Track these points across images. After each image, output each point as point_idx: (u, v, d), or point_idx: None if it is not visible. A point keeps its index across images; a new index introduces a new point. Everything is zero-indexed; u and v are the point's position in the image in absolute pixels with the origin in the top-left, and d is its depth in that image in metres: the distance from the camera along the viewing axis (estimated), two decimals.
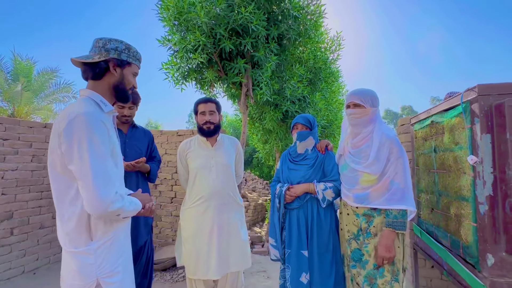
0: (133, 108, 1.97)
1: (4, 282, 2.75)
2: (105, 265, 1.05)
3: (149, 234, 2.00)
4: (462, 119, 1.50)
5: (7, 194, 2.82)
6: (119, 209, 1.01)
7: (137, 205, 1.15)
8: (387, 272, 1.44)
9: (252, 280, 3.14)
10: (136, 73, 1.22)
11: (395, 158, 1.51)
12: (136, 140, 2.01)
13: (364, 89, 1.65)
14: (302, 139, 1.82)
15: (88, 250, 1.03)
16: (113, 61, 1.11)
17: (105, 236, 1.06)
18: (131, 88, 1.22)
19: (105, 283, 1.04)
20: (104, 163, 1.01)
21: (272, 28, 2.98)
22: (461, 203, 1.53)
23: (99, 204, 0.97)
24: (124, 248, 1.15)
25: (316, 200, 1.73)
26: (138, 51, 1.22)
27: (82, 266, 1.02)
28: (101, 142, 1.01)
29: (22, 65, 10.42)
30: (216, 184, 1.89)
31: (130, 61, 1.16)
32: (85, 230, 1.03)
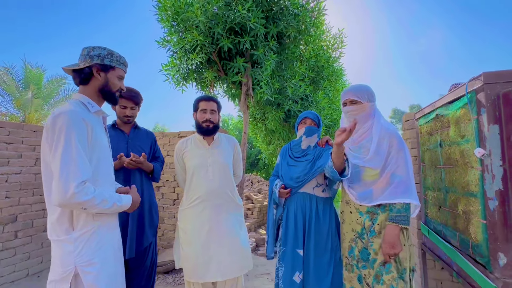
0: (134, 108, 1.96)
1: (8, 285, 2.77)
2: (84, 254, 1.10)
3: (155, 236, 1.98)
4: (467, 110, 1.42)
5: (11, 198, 2.86)
6: (84, 202, 1.04)
7: (121, 203, 1.19)
8: (393, 268, 1.37)
9: (256, 283, 3.08)
10: (121, 76, 1.32)
11: (396, 151, 1.45)
12: (138, 140, 2.00)
13: (359, 85, 1.61)
14: (309, 135, 1.77)
15: (69, 239, 1.10)
16: (96, 67, 1.23)
17: (85, 227, 1.12)
18: (118, 90, 1.32)
19: (83, 271, 1.09)
20: (74, 156, 1.05)
21: (271, 26, 2.94)
22: (469, 200, 1.44)
23: (61, 194, 1.02)
24: (105, 241, 1.18)
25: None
26: (121, 56, 1.32)
27: (63, 254, 1.10)
28: (77, 137, 1.07)
29: (32, 73, 10.72)
30: (213, 184, 1.84)
31: (113, 65, 1.26)
32: (67, 220, 1.11)
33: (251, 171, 13.73)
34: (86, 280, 1.09)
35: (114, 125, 1.97)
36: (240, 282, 1.93)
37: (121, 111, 1.91)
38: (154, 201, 2.05)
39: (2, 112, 10.34)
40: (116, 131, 1.95)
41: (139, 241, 1.85)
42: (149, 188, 1.99)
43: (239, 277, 1.91)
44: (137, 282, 1.86)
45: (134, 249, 1.80)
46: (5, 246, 2.78)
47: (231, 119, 16.12)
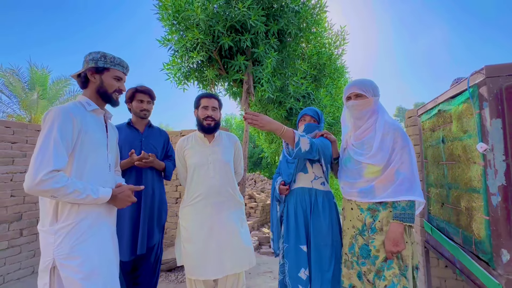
0: (150, 103, 2.04)
1: (14, 282, 2.81)
2: (63, 246, 1.12)
3: (161, 233, 2.03)
4: (470, 104, 1.40)
5: (16, 196, 2.90)
6: (51, 189, 1.07)
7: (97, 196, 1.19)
8: (395, 265, 1.35)
9: (258, 281, 3.08)
10: (117, 76, 1.37)
11: (400, 147, 1.42)
12: (152, 139, 2.05)
13: (364, 79, 1.58)
14: (309, 131, 1.74)
15: (50, 230, 1.13)
16: (90, 70, 1.31)
17: (68, 219, 1.15)
18: (116, 90, 1.36)
19: (60, 264, 1.11)
20: (51, 146, 1.09)
21: (271, 24, 2.93)
22: (472, 196, 1.41)
23: (29, 180, 1.06)
24: (89, 236, 1.19)
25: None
26: (116, 57, 1.37)
27: (44, 244, 1.14)
28: (59, 130, 1.12)
29: (38, 75, 10.87)
30: (214, 181, 1.84)
31: (107, 66, 1.32)
32: (52, 211, 1.15)
33: (254, 170, 13.73)
34: (64, 273, 1.11)
35: (129, 123, 2.03)
36: (242, 279, 1.93)
37: (138, 106, 1.98)
38: (165, 200, 2.10)
39: (9, 113, 10.52)
40: (130, 129, 2.02)
41: (148, 238, 1.89)
42: (160, 187, 2.04)
43: (240, 274, 1.91)
44: (142, 277, 1.91)
45: (145, 246, 1.85)
46: (10, 244, 2.82)
47: (234, 119, 16.13)
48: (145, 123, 2.06)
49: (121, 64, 1.37)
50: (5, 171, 2.81)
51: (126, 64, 1.42)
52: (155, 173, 2.00)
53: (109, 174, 1.38)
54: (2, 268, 2.74)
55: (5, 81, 10.13)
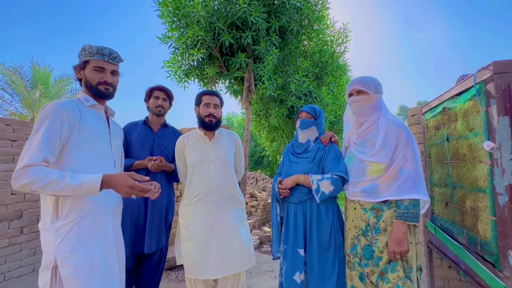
0: (166, 100, 2.06)
1: (14, 280, 2.81)
2: (63, 245, 1.10)
3: (167, 233, 2.04)
4: (476, 102, 1.36)
5: (16, 194, 2.89)
6: (22, 185, 1.03)
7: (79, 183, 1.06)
8: (399, 267, 1.32)
9: (258, 280, 3.06)
10: (98, 66, 1.29)
11: (403, 145, 1.38)
12: (165, 140, 2.05)
13: (366, 76, 1.55)
14: (304, 127, 1.72)
15: (51, 228, 1.11)
16: (76, 68, 1.31)
17: (69, 217, 1.12)
18: (100, 82, 1.29)
19: (62, 263, 1.09)
20: (33, 143, 1.08)
21: (273, 21, 2.89)
22: (478, 195, 1.38)
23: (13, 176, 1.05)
24: (90, 235, 1.16)
25: None
26: (94, 47, 1.29)
27: (45, 243, 1.12)
28: (47, 125, 1.10)
29: (40, 73, 10.89)
30: (214, 179, 1.82)
31: (86, 59, 1.28)
32: (52, 210, 1.13)
33: (256, 169, 13.72)
34: (63, 272, 1.09)
35: (145, 122, 2.05)
36: (242, 278, 1.90)
37: (154, 102, 2.02)
38: (173, 201, 2.11)
39: (11, 111, 10.57)
40: (145, 128, 2.03)
41: (158, 239, 1.92)
42: (169, 190, 2.06)
43: (240, 274, 1.89)
44: (145, 274, 1.94)
45: (154, 246, 1.88)
46: (11, 242, 2.82)
47: (236, 117, 16.11)
48: (160, 122, 2.08)
49: (99, 53, 1.27)
50: (5, 169, 2.81)
51: (107, 52, 1.29)
52: (164, 175, 2.00)
53: (114, 170, 1.33)
54: (3, 266, 2.74)
55: (8, 79, 10.16)
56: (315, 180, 1.55)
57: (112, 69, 1.32)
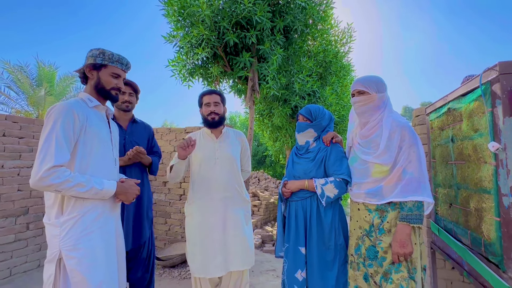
0: (133, 95, 1.97)
1: (20, 275, 2.86)
2: (68, 238, 1.14)
3: (151, 228, 2.00)
4: (481, 102, 1.35)
5: (22, 191, 2.94)
6: (53, 184, 1.09)
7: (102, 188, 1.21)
8: (403, 268, 1.32)
9: (261, 279, 3.07)
10: (115, 73, 1.35)
11: (407, 146, 1.38)
12: (135, 136, 1.99)
13: (368, 76, 1.55)
14: (299, 131, 1.74)
15: (56, 222, 1.16)
16: (88, 66, 1.32)
17: (73, 212, 1.17)
18: (113, 88, 1.35)
19: (66, 255, 1.14)
20: (52, 143, 1.12)
21: (277, 20, 2.90)
22: (482, 196, 1.38)
23: (32, 177, 1.10)
24: (94, 229, 1.21)
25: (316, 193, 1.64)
26: (114, 54, 1.35)
27: (50, 237, 1.18)
28: (61, 126, 1.14)
29: (45, 71, 11.00)
30: (220, 177, 1.83)
31: (104, 63, 1.32)
32: (58, 205, 1.18)
33: (258, 169, 13.72)
34: (68, 265, 1.14)
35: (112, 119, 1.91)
36: (245, 276, 1.92)
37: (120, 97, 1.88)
38: (151, 196, 2.07)
39: (17, 109, 10.69)
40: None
41: (137, 235, 1.86)
42: (146, 183, 2.00)
43: (244, 272, 1.91)
44: (133, 273, 1.87)
45: (130, 243, 1.81)
46: (17, 238, 2.86)
47: (239, 116, 16.12)
48: (128, 118, 1.99)
49: (119, 61, 1.36)
50: (12, 165, 2.85)
51: (126, 61, 1.40)
52: (139, 169, 1.94)
53: (115, 169, 1.40)
54: (9, 261, 2.78)
55: (14, 77, 10.28)
56: (319, 185, 1.57)
57: (124, 77, 1.42)
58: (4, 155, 2.78)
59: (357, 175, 1.54)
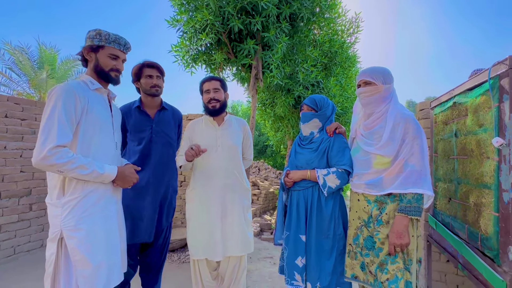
0: (160, 78, 1.84)
1: (24, 254, 2.93)
2: (69, 219, 1.16)
3: (172, 216, 2.00)
4: (488, 97, 1.33)
5: (25, 172, 2.97)
6: (57, 164, 1.10)
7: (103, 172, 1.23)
8: (399, 259, 1.34)
9: (258, 265, 3.14)
10: (113, 54, 1.33)
11: (411, 138, 1.37)
12: (163, 125, 1.87)
13: (375, 66, 1.52)
14: (304, 121, 1.73)
15: (58, 203, 1.18)
16: (86, 49, 1.31)
17: (74, 193, 1.18)
18: (112, 69, 1.33)
19: (67, 235, 1.16)
20: (55, 122, 1.12)
21: (284, 7, 2.82)
22: (482, 191, 1.38)
23: (36, 155, 1.10)
24: (96, 210, 1.23)
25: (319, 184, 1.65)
26: (111, 34, 1.32)
27: (51, 216, 1.19)
28: (63, 106, 1.14)
29: (47, 54, 10.87)
30: (221, 164, 1.84)
31: (101, 44, 1.29)
32: (59, 186, 1.19)
33: (259, 158, 13.77)
34: (69, 244, 1.16)
35: (139, 107, 1.83)
36: (243, 262, 1.96)
37: (147, 82, 1.78)
38: (176, 186, 2.01)
39: (18, 91, 10.65)
40: (141, 114, 1.82)
41: (159, 223, 1.86)
42: (173, 174, 1.95)
43: (242, 257, 1.94)
44: (149, 258, 1.91)
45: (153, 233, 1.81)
46: (20, 218, 2.92)
47: (241, 105, 16.03)
48: (157, 104, 1.87)
49: (116, 41, 1.32)
50: (14, 147, 2.87)
51: (123, 41, 1.36)
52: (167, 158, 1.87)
53: (115, 152, 1.40)
54: (13, 240, 2.85)
55: (15, 59, 10.18)
56: (321, 176, 1.57)
57: (123, 58, 1.38)
58: (6, 137, 2.80)
59: (359, 166, 1.54)
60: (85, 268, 1.16)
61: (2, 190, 2.77)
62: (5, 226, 2.78)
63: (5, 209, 2.78)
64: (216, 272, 1.98)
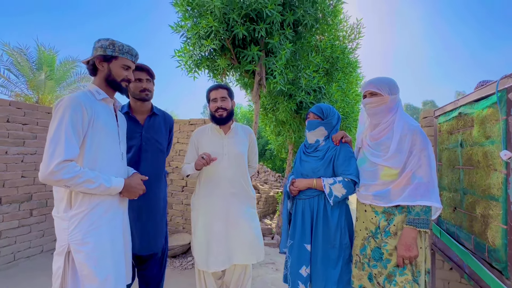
0: (150, 81, 1.73)
1: (24, 260, 2.89)
2: (76, 232, 1.15)
3: (166, 227, 1.90)
4: (496, 110, 1.35)
5: (26, 177, 2.94)
6: (64, 180, 1.09)
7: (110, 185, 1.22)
8: (408, 271, 1.34)
9: (260, 272, 3.13)
10: (126, 65, 1.34)
11: (418, 150, 1.38)
12: (154, 131, 1.77)
13: (381, 77, 1.53)
14: (310, 129, 1.73)
15: (65, 216, 1.17)
16: (98, 58, 1.29)
17: (81, 206, 1.18)
18: (124, 79, 1.34)
19: (74, 249, 1.15)
20: (62, 136, 1.11)
21: (287, 14, 2.84)
22: (490, 203, 1.39)
23: (42, 171, 1.09)
24: (102, 223, 1.22)
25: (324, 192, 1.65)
26: (124, 45, 1.34)
27: (59, 230, 1.19)
28: (70, 119, 1.13)
29: (45, 55, 10.81)
30: (227, 173, 1.84)
31: (115, 55, 1.30)
32: (66, 199, 1.18)
33: (258, 161, 13.75)
34: (77, 258, 1.15)
35: (128, 113, 1.73)
36: (248, 270, 1.95)
37: (136, 86, 1.68)
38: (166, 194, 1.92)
39: (16, 92, 10.57)
40: (130, 121, 1.69)
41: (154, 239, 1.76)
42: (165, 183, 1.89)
43: (247, 265, 1.94)
44: (149, 270, 1.84)
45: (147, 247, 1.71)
46: (21, 223, 2.89)
47: (240, 108, 16.04)
48: (147, 109, 1.76)
49: (129, 53, 1.34)
50: (16, 152, 2.84)
51: (135, 52, 1.38)
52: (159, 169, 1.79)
53: (122, 163, 1.39)
54: (13, 246, 2.81)
55: (14, 60, 10.11)
56: (327, 185, 1.57)
57: (133, 68, 1.39)
58: (8, 141, 2.77)
59: (366, 177, 1.55)
60: (92, 283, 1.15)
61: (2, 196, 2.74)
62: (5, 232, 2.75)
63: (5, 214, 2.75)
64: (221, 281, 1.97)
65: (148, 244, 1.72)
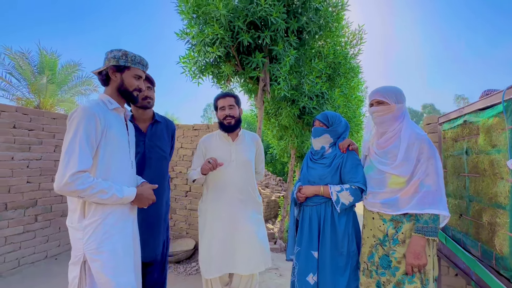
0: (151, 88, 1.76)
1: (28, 266, 2.89)
2: (91, 242, 1.17)
3: (167, 232, 1.91)
4: (501, 119, 1.37)
5: (31, 183, 2.95)
6: (78, 190, 1.11)
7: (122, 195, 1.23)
8: (417, 279, 1.35)
9: (264, 277, 3.12)
10: (138, 75, 1.37)
11: (425, 158, 1.40)
12: (157, 139, 1.78)
13: (387, 86, 1.56)
14: (315, 136, 1.76)
15: (79, 226, 1.19)
16: (111, 68, 1.32)
17: (94, 216, 1.20)
18: (136, 89, 1.37)
19: (90, 258, 1.17)
20: (76, 148, 1.13)
21: (292, 21, 2.88)
22: (497, 211, 1.40)
23: (57, 182, 1.11)
24: (115, 232, 1.24)
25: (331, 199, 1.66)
26: (137, 56, 1.36)
27: (74, 240, 1.21)
28: (84, 130, 1.15)
29: (47, 59, 10.85)
30: (235, 179, 1.85)
31: (128, 65, 1.33)
32: (80, 209, 1.20)
33: None
34: (93, 267, 1.17)
35: (130, 121, 1.67)
36: (256, 277, 1.96)
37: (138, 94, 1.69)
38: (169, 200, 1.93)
39: (18, 96, 10.59)
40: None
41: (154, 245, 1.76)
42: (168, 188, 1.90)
43: (254, 273, 1.94)
44: (150, 276, 1.82)
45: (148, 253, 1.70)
46: (26, 229, 2.89)
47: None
48: (149, 116, 1.78)
49: (141, 63, 1.38)
50: (22, 157, 2.86)
51: (146, 62, 1.42)
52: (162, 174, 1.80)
53: (132, 171, 1.41)
54: (17, 252, 2.81)
55: (15, 64, 10.16)
56: (334, 192, 1.59)
57: (144, 77, 1.43)
58: (14, 147, 2.78)
59: (373, 185, 1.56)
60: None
61: (8, 202, 2.74)
62: (10, 238, 2.75)
63: (10, 220, 2.75)
64: (229, 287, 1.97)
65: (149, 250, 1.72)
